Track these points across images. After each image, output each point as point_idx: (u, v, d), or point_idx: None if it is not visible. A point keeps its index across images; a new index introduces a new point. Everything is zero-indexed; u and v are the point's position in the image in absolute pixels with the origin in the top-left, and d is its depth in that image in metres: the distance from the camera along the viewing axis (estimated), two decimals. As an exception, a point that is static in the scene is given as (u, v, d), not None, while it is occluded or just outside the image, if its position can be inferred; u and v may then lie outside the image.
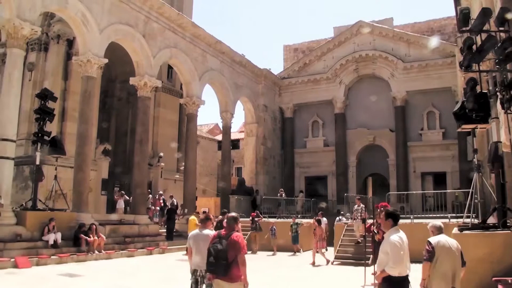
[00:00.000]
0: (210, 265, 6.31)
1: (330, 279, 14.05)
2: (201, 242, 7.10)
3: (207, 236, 7.03)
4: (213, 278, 6.36)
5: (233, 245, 6.25)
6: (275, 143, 36.67)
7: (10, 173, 16.95)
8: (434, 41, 31.19)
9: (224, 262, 6.14)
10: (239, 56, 31.79)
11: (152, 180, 29.51)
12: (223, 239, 6.34)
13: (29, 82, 24.66)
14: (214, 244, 6.34)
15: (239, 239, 6.38)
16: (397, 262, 5.83)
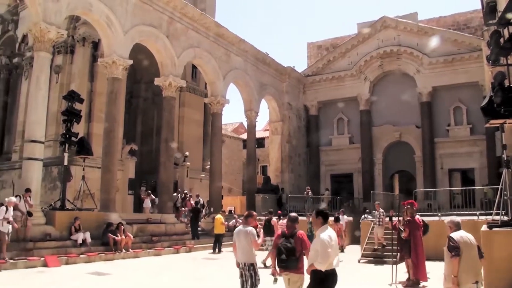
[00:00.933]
0: (281, 262, 7.11)
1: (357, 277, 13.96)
2: (242, 237, 7.80)
3: (246, 232, 7.77)
4: (282, 271, 7.21)
5: (300, 242, 7.12)
6: (300, 141, 36.60)
7: (39, 174, 17.29)
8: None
9: (294, 258, 7.03)
10: (262, 54, 31.82)
11: (178, 179, 29.71)
12: (290, 238, 7.18)
13: (56, 84, 25.12)
14: (283, 243, 7.16)
15: (304, 236, 7.24)
16: (325, 258, 6.29)
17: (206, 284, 12.43)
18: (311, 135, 37.32)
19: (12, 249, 14.74)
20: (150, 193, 25.12)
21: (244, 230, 7.81)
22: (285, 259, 7.09)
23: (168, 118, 24.13)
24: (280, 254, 7.18)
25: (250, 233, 7.76)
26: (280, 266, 7.26)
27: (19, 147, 25.73)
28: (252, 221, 8.19)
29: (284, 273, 7.26)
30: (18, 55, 29.37)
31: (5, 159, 28.24)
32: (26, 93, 25.01)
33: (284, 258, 7.10)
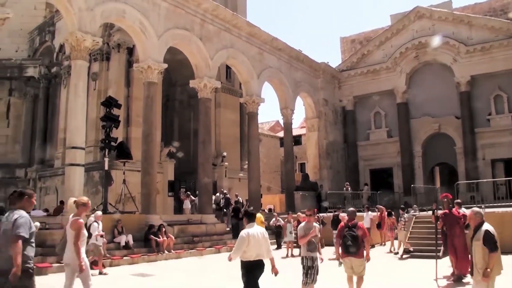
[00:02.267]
0: (348, 247, 8.82)
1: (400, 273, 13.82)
2: (298, 231, 8.94)
3: (300, 227, 8.86)
4: (345, 256, 8.95)
5: (362, 231, 8.97)
6: (337, 137, 36.39)
7: (81, 179, 17.72)
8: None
9: (357, 244, 8.79)
10: (296, 52, 31.76)
11: (217, 180, 29.94)
12: (353, 228, 8.94)
13: (94, 91, 25.67)
14: (348, 232, 8.87)
15: (364, 226, 9.30)
16: (236, 250, 7.22)
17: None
18: (348, 130, 37.05)
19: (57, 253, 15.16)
20: (189, 194, 25.40)
21: (299, 227, 8.98)
22: (350, 245, 8.79)
23: (204, 119, 24.33)
24: (346, 241, 8.84)
25: (300, 229, 8.91)
26: (345, 252, 8.90)
27: (61, 153, 26.39)
28: (313, 218, 9.18)
29: (347, 258, 8.93)
30: (56, 65, 30.13)
31: (48, 166, 29.01)
32: (65, 101, 25.67)
33: (349, 244, 8.79)
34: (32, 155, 30.47)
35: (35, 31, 33.20)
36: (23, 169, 29.85)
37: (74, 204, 7.65)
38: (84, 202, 7.68)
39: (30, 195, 5.82)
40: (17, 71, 30.78)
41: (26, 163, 30.23)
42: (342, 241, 8.97)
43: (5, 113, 31.57)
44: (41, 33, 32.63)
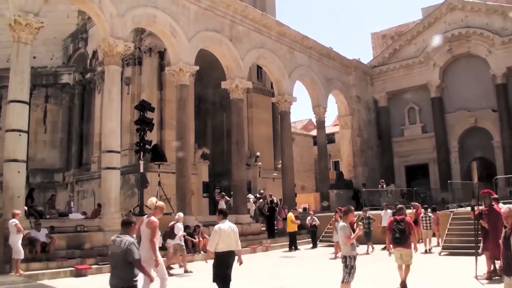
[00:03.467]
0: (397, 239, 10.37)
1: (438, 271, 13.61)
2: (340, 231, 8.88)
3: (342, 226, 8.82)
4: (395, 247, 10.47)
5: (408, 225, 10.54)
6: (371, 134, 36.03)
7: (118, 182, 17.98)
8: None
9: (404, 236, 10.32)
10: (327, 49, 31.59)
11: (251, 180, 30.01)
12: (401, 222, 10.47)
13: (128, 95, 26.05)
14: (396, 226, 10.45)
15: (411, 221, 10.92)
16: (211, 243, 8.61)
17: (283, 282, 12.52)
18: (382, 127, 36.62)
19: (96, 254, 15.46)
20: (224, 195, 25.48)
21: (341, 225, 8.89)
22: (398, 237, 10.33)
23: (237, 120, 24.42)
24: (394, 234, 10.42)
25: (341, 229, 8.79)
26: (395, 243, 10.45)
27: (97, 157, 26.87)
28: (351, 216, 9.22)
29: (397, 249, 10.42)
30: (90, 71, 30.70)
31: (85, 169, 29.58)
32: (100, 105, 26.13)
33: (397, 236, 10.34)
34: (69, 159, 31.11)
35: (69, 39, 33.93)
36: (61, 174, 30.51)
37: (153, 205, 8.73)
38: (161, 206, 8.81)
39: (135, 223, 6.63)
40: (52, 78, 31.47)
41: (63, 168, 30.89)
42: (391, 234, 10.58)
43: (42, 119, 32.35)
44: (75, 40, 33.32)
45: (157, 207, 8.64)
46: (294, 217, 21.37)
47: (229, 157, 26.81)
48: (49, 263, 14.16)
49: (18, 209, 13.97)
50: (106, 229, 16.68)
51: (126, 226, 6.37)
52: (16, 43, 15.95)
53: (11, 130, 15.44)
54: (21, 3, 15.93)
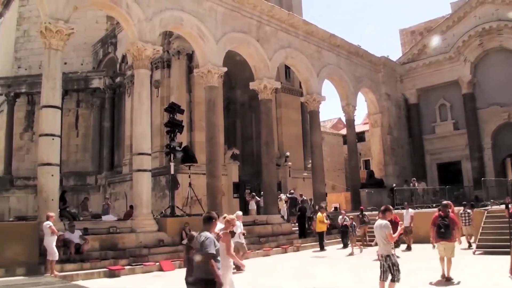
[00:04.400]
0: (441, 233, 11.27)
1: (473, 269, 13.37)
2: (378, 230, 8.88)
3: (381, 225, 8.83)
4: (438, 241, 11.37)
5: (452, 220, 11.50)
6: (402, 132, 35.60)
7: (149, 184, 18.22)
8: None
9: (449, 231, 11.23)
10: (355, 47, 31.37)
11: (281, 180, 29.96)
12: (445, 217, 11.38)
13: (157, 98, 26.31)
14: (441, 221, 11.34)
15: (454, 216, 11.95)
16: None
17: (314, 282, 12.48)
18: (412, 124, 36.14)
19: (129, 255, 15.67)
20: (254, 195, 25.54)
21: (379, 224, 8.85)
22: (443, 231, 11.24)
23: (266, 120, 24.43)
24: (439, 228, 11.30)
25: (385, 227, 8.73)
26: (439, 237, 11.31)
27: (128, 160, 27.19)
28: (389, 215, 9.13)
29: (441, 242, 11.29)
30: (119, 75, 31.08)
31: (117, 172, 29.98)
32: (130, 109, 26.45)
33: (442, 231, 11.25)
34: (101, 162, 31.53)
35: (98, 44, 34.46)
36: (93, 176, 30.96)
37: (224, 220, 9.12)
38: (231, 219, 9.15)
39: (216, 219, 6.80)
40: (83, 83, 31.96)
41: (96, 170, 31.34)
42: (436, 228, 11.42)
43: (74, 123, 32.97)
44: (104, 45, 33.83)
45: (228, 221, 9.09)
46: (324, 217, 21.24)
47: (258, 157, 26.81)
48: (83, 264, 14.42)
49: (52, 211, 14.26)
50: (138, 230, 16.91)
51: (206, 222, 6.55)
52: (47, 50, 16.31)
53: (44, 135, 15.78)
54: (51, 10, 16.28)
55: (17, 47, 36.05)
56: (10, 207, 29.03)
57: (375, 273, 8.89)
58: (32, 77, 30.86)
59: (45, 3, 16.38)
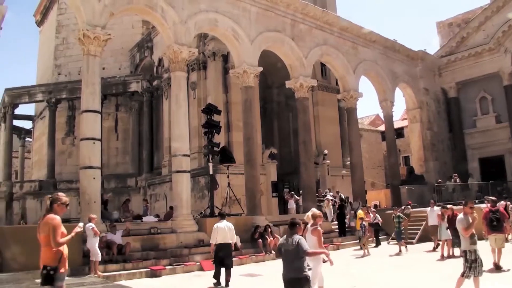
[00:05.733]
0: (494, 226, 12.60)
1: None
2: (458, 224, 9.36)
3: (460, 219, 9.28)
4: (490, 233, 12.66)
5: (502, 214, 12.99)
6: (442, 127, 34.89)
7: (188, 184, 18.44)
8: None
9: (500, 223, 12.65)
10: (391, 42, 30.92)
11: (319, 178, 29.81)
12: (496, 212, 12.78)
13: (194, 100, 26.53)
14: (493, 215, 12.64)
15: (504, 211, 13.37)
16: (212, 237, 12.47)
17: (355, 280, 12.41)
18: (452, 119, 35.32)
19: (170, 255, 15.86)
20: (293, 194, 25.48)
21: (458, 218, 9.42)
22: (495, 224, 12.56)
23: (303, 119, 24.35)
24: (491, 222, 12.61)
25: (460, 220, 9.27)
26: (491, 230, 12.63)
27: (167, 161, 27.50)
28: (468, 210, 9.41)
29: (492, 234, 12.55)
30: (156, 78, 31.49)
31: (156, 174, 30.35)
32: (168, 111, 26.71)
33: (494, 224, 12.57)
34: (141, 164, 31.99)
35: (135, 48, 35.01)
36: (133, 178, 31.40)
37: (311, 216, 9.85)
38: (319, 214, 9.93)
39: (300, 224, 7.40)
40: (121, 87, 32.48)
41: (136, 173, 31.80)
42: (487, 222, 12.73)
43: (113, 127, 33.66)
44: (140, 49, 34.34)
45: (316, 216, 9.77)
46: (364, 214, 21.01)
47: (296, 156, 26.73)
48: (125, 265, 14.68)
49: (94, 213, 14.55)
50: (178, 230, 17.12)
51: (293, 226, 7.21)
52: (86, 56, 16.68)
53: (85, 139, 16.14)
54: (88, 17, 16.64)
55: (56, 54, 37.01)
56: (54, 210, 29.71)
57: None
58: (72, 83, 31.61)
59: (82, 10, 16.76)
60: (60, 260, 5.92)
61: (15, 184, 32.36)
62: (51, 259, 5.83)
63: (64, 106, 33.57)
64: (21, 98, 32.94)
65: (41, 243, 5.88)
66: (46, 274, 5.76)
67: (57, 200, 5.97)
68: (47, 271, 5.77)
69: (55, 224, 5.81)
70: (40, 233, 5.87)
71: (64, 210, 6.03)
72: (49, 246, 5.82)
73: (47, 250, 5.84)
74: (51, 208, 6.00)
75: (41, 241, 5.86)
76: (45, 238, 5.84)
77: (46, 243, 5.85)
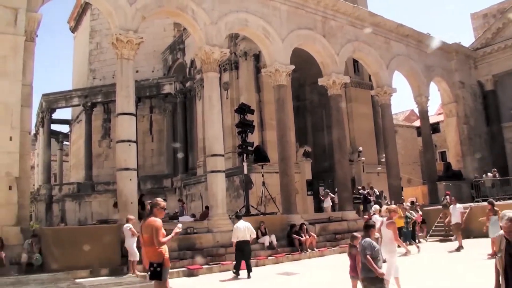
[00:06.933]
0: None
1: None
2: None
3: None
4: None
5: None
6: (479, 121, 34.08)
7: (223, 184, 18.53)
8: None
9: None
10: (424, 36, 30.36)
11: (355, 175, 29.60)
12: None
13: (227, 100, 26.66)
14: None
15: None
16: (233, 236, 13.94)
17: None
18: (490, 112, 34.44)
19: (206, 255, 15.97)
20: (328, 192, 25.35)
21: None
22: None
23: (336, 116, 24.19)
24: None
25: None
26: None
27: (202, 162, 27.71)
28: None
29: None
30: (189, 79, 31.78)
31: (191, 174, 30.63)
32: (201, 112, 26.93)
33: None
34: (176, 165, 32.30)
35: (167, 51, 35.43)
36: (169, 179, 31.77)
37: (387, 210, 10.47)
38: (394, 209, 10.54)
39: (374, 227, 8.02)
40: (155, 89, 32.90)
41: (171, 173, 32.15)
42: None
43: (148, 129, 34.15)
44: (172, 52, 34.72)
45: (392, 210, 10.28)
46: (400, 212, 20.74)
47: (331, 153, 26.58)
48: (163, 264, 14.80)
49: (131, 214, 14.77)
50: (214, 230, 17.21)
51: (367, 229, 7.77)
52: (119, 60, 16.95)
53: (121, 141, 16.38)
54: (121, 22, 16.91)
55: (91, 59, 37.75)
56: (92, 211, 30.40)
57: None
58: (107, 87, 32.20)
59: (114, 15, 17.03)
60: (164, 257, 6.70)
61: (54, 187, 33.17)
62: (156, 256, 6.61)
63: (100, 110, 34.20)
64: (58, 103, 33.68)
65: (145, 243, 6.66)
66: (154, 270, 6.58)
67: (156, 205, 6.82)
68: (154, 267, 6.59)
69: (157, 226, 6.62)
70: (143, 234, 6.72)
71: (163, 213, 6.87)
72: (153, 245, 6.58)
73: (151, 249, 6.63)
74: (152, 212, 6.79)
75: (144, 241, 6.65)
76: (148, 238, 6.62)
77: (150, 243, 6.62)
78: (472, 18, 40.19)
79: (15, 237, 13.80)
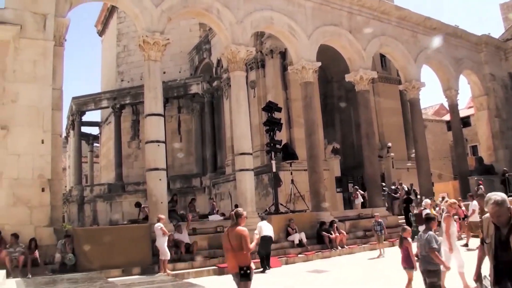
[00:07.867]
0: None
1: None
2: None
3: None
4: None
5: None
6: (511, 113, 33.44)
7: (252, 182, 18.62)
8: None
9: None
10: (452, 28, 29.92)
11: (384, 171, 29.33)
12: None
13: (254, 98, 26.65)
14: None
15: None
16: (257, 232, 13.01)
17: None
18: (522, 104, 33.84)
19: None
20: (357, 189, 25.17)
21: None
22: None
23: (364, 112, 24.02)
24: None
25: None
26: None
27: (230, 160, 27.79)
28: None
29: None
30: (216, 79, 31.87)
31: (220, 173, 30.74)
32: (229, 111, 27.02)
33: None
34: (204, 164, 32.47)
35: (193, 51, 35.63)
36: (198, 178, 31.96)
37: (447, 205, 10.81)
38: (452, 203, 10.73)
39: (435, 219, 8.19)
40: (182, 90, 33.09)
41: (200, 173, 32.33)
42: None
43: (177, 129, 34.41)
44: (199, 52, 34.89)
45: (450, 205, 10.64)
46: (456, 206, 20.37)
47: (359, 149, 26.43)
48: (193, 263, 15.01)
49: (162, 213, 14.92)
50: (244, 228, 17.21)
51: (428, 221, 7.91)
52: (146, 61, 17.15)
53: (150, 142, 16.58)
54: (147, 24, 17.11)
55: (118, 61, 38.19)
56: (123, 211, 30.74)
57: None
58: (135, 89, 32.53)
59: (140, 17, 17.22)
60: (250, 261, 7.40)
61: (85, 188, 33.68)
62: (245, 260, 7.30)
63: (129, 111, 34.58)
64: (87, 105, 34.15)
65: (233, 249, 7.35)
66: (244, 272, 7.24)
67: (240, 215, 7.61)
68: (244, 270, 7.25)
69: (246, 235, 7.33)
70: (231, 242, 7.38)
71: (244, 221, 7.66)
72: (241, 251, 7.26)
73: (241, 254, 7.30)
74: (237, 221, 7.55)
75: (233, 247, 7.34)
76: (238, 245, 7.30)
77: (239, 248, 7.29)
78: (501, 9, 39.47)
79: (49, 237, 14.10)
